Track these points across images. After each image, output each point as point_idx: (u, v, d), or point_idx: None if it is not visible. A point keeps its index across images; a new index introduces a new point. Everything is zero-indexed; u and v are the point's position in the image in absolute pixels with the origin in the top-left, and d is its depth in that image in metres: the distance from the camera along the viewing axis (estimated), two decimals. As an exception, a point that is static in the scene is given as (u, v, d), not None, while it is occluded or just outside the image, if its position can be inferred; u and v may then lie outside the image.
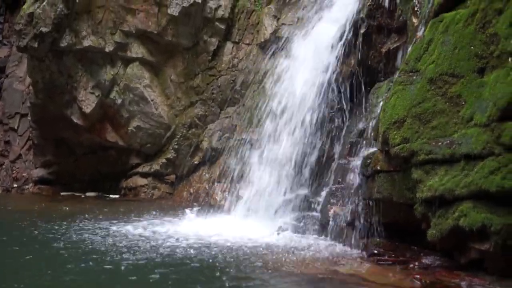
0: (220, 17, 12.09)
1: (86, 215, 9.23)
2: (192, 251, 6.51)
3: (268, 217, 8.45)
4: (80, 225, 8.34)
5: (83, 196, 12.84)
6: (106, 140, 12.83)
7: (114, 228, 8.06)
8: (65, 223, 8.44)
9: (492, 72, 4.67)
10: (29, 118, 13.76)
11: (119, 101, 12.33)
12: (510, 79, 4.22)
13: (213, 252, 6.46)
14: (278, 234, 7.65)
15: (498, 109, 4.28)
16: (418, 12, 6.98)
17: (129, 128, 12.44)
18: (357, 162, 6.89)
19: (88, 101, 12.36)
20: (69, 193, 13.01)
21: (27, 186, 13.73)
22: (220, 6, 12.08)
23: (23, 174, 14.14)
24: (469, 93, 4.85)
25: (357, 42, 8.16)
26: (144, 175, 12.78)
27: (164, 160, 12.55)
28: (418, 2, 7.06)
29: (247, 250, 6.65)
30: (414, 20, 7.02)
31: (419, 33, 6.49)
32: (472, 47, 4.95)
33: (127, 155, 13.04)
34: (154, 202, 11.68)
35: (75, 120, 12.58)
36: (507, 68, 4.37)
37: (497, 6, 4.71)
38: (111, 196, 12.88)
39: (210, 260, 6.06)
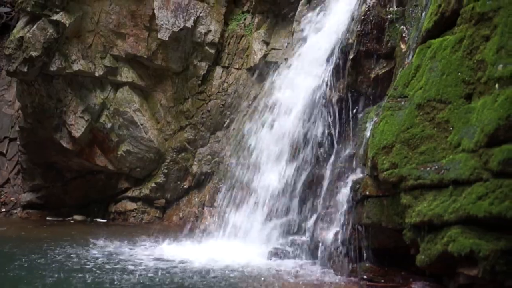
0: (210, 42, 12.16)
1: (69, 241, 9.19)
2: (178, 275, 6.49)
3: (257, 242, 8.43)
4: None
5: (71, 220, 12.77)
6: (96, 164, 12.79)
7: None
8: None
9: (479, 98, 4.70)
10: (18, 142, 13.71)
11: (108, 125, 12.32)
12: (497, 105, 4.25)
13: (200, 277, 6.43)
14: (267, 258, 7.64)
15: (486, 135, 4.30)
16: (406, 38, 7.04)
17: (118, 152, 12.43)
18: (346, 187, 6.90)
19: (77, 125, 12.34)
20: (57, 217, 12.93)
21: (15, 211, 13.64)
22: (210, 31, 12.15)
23: (12, 198, 14.05)
24: (456, 119, 4.88)
25: (346, 67, 8.21)
26: (134, 199, 12.75)
27: (153, 185, 12.53)
28: (406, 28, 7.14)
29: (237, 274, 6.63)
30: (402, 46, 7.08)
31: (407, 59, 6.54)
32: (459, 73, 4.98)
33: (117, 179, 13.01)
34: (143, 227, 11.62)
35: (64, 145, 12.54)
36: (494, 94, 4.39)
37: (484, 33, 4.75)
38: (100, 220, 12.82)
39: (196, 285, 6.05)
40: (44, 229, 11.05)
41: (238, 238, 8.77)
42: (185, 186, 12.38)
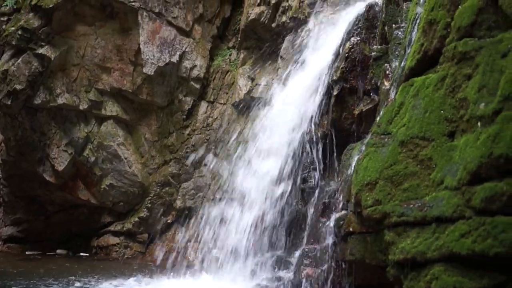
0: (195, 77, 12.21)
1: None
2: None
3: (242, 278, 8.38)
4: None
5: (54, 254, 12.63)
6: (78, 198, 12.71)
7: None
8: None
9: (462, 136, 4.73)
10: (0, 175, 13.61)
11: (92, 159, 12.28)
12: (480, 144, 4.27)
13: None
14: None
15: (468, 173, 4.32)
16: (389, 76, 7.10)
17: (101, 186, 12.36)
18: (330, 223, 6.89)
19: (60, 159, 12.28)
20: (39, 252, 12.79)
21: (-4, 245, 13.49)
22: (196, 66, 12.21)
23: (-8, 232, 13.91)
24: (439, 156, 4.90)
25: (330, 104, 8.27)
26: (116, 233, 12.66)
27: (136, 219, 12.46)
28: (389, 65, 7.20)
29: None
30: (386, 83, 7.13)
31: (391, 96, 6.58)
32: (442, 111, 5.02)
33: (99, 213, 12.92)
34: (125, 262, 11.53)
35: (47, 178, 12.46)
36: (476, 133, 4.42)
37: (466, 72, 4.80)
38: (83, 254, 12.70)
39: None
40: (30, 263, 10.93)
41: (222, 273, 8.72)
42: (168, 221, 12.32)
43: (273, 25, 11.23)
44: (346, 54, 8.03)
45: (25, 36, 11.78)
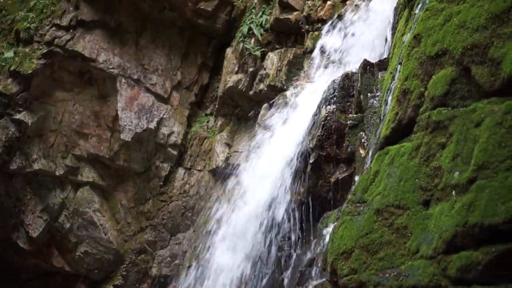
0: (173, 143, 12.22)
1: None
2: None
3: None
4: None
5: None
6: (53, 266, 12.52)
7: None
8: None
9: (437, 204, 4.74)
10: (-27, 241, 13.41)
11: (67, 225, 12.14)
12: (455, 212, 4.29)
13: None
14: None
15: (444, 242, 4.31)
16: (365, 144, 7.15)
17: (76, 253, 12.20)
18: (306, 292, 6.82)
19: (35, 225, 12.13)
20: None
21: (-34, 314, 13.18)
22: (173, 132, 12.24)
23: (-37, 301, 13.60)
24: (415, 225, 4.89)
25: (306, 171, 8.28)
26: (90, 302, 12.44)
27: (111, 287, 12.25)
28: (365, 134, 7.26)
29: None
30: (362, 151, 7.18)
31: (366, 165, 6.61)
32: (417, 180, 5.03)
33: (74, 281, 12.71)
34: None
35: (21, 245, 12.27)
36: (451, 201, 4.44)
37: (440, 140, 4.84)
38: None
39: None
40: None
41: None
42: (143, 289, 12.15)
43: (251, 92, 11.34)
44: (322, 122, 8.09)
45: (3, 102, 11.77)
